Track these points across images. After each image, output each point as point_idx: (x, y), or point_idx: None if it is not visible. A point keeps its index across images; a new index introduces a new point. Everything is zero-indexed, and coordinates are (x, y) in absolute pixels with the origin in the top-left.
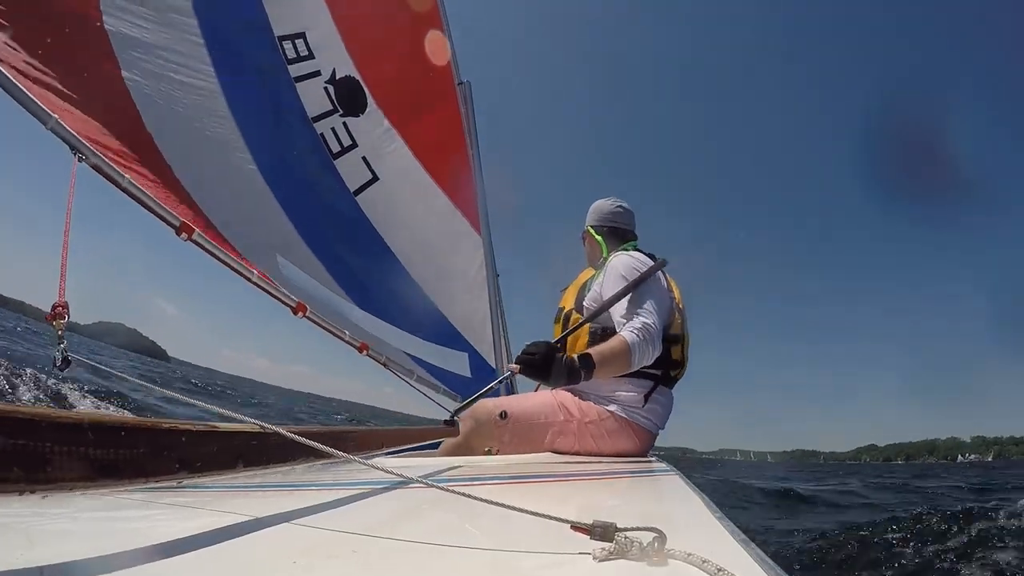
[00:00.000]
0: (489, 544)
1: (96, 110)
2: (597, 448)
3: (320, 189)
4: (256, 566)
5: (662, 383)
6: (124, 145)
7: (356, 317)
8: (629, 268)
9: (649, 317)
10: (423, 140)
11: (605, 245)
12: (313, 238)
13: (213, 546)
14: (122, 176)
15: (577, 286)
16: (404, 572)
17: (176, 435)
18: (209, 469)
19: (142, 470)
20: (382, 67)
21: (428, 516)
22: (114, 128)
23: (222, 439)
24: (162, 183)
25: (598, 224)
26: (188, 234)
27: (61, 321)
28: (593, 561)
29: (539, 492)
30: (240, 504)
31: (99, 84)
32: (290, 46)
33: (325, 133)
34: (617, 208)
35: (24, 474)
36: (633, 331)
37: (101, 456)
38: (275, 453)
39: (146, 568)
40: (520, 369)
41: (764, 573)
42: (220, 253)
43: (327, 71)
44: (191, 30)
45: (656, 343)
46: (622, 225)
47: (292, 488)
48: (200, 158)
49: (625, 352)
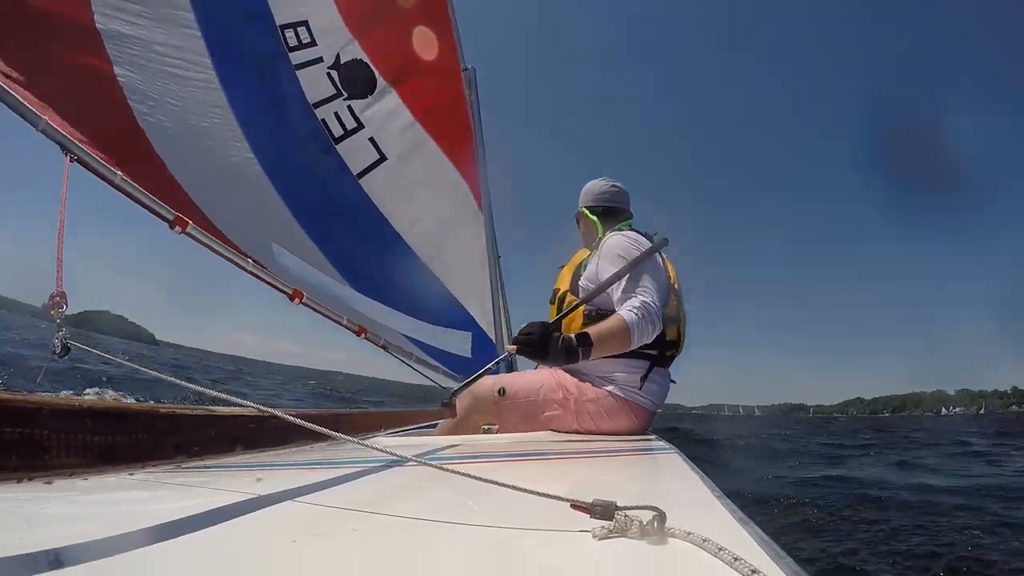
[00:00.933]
0: (489, 522)
1: (88, 109)
2: (596, 427)
3: (320, 175)
4: (255, 544)
5: (658, 363)
6: (117, 142)
7: (354, 301)
8: (625, 247)
9: (648, 295)
10: (434, 118)
11: (600, 225)
12: (312, 225)
13: (214, 526)
14: (114, 173)
15: (572, 267)
16: (403, 549)
17: (174, 419)
18: (207, 453)
19: (140, 455)
20: (389, 49)
21: (427, 494)
22: (106, 126)
23: (220, 423)
24: (155, 178)
25: (592, 204)
26: (182, 227)
27: (60, 310)
28: (593, 539)
29: (538, 470)
30: (238, 483)
31: (91, 83)
32: (292, 34)
33: (327, 118)
34: (611, 188)
35: (23, 462)
36: (632, 309)
37: (100, 442)
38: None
39: (148, 548)
40: (518, 349)
41: (763, 552)
42: (215, 244)
43: (330, 57)
44: (187, 23)
45: (656, 322)
46: (616, 204)
47: (291, 467)
48: (195, 151)
49: (624, 331)
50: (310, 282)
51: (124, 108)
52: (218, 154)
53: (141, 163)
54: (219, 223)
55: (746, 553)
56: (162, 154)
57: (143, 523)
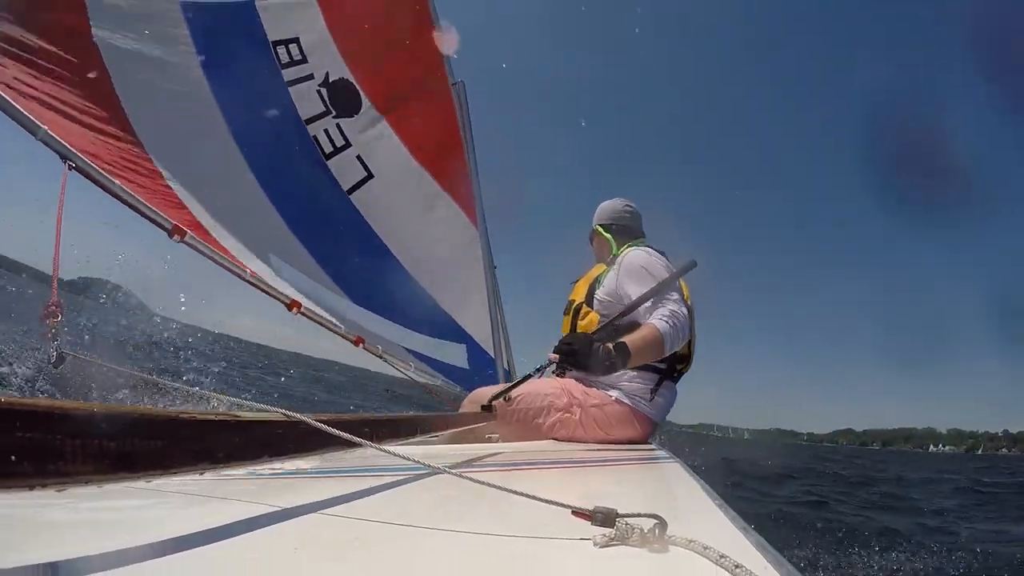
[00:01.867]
0: (490, 529)
1: (86, 119)
2: (602, 433)
3: (313, 188)
4: (256, 553)
5: (667, 377)
6: (115, 152)
7: (350, 313)
8: (647, 260)
9: (676, 304)
10: (418, 138)
11: (614, 242)
12: (307, 236)
13: (218, 538)
14: (112, 182)
15: (588, 280)
16: (403, 556)
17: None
18: (232, 460)
19: (159, 463)
20: (376, 68)
21: (429, 500)
22: (105, 136)
23: (244, 429)
24: (152, 188)
25: (607, 222)
26: (180, 236)
27: (55, 320)
28: (594, 547)
29: (541, 478)
30: (251, 492)
31: (89, 94)
32: (283, 51)
33: (318, 135)
34: (626, 208)
35: (35, 468)
36: (663, 319)
37: (116, 448)
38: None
39: (148, 562)
40: (560, 359)
41: (765, 559)
42: (213, 254)
43: (320, 74)
44: (182, 39)
45: (686, 330)
46: (630, 224)
47: (295, 476)
48: (191, 162)
49: (659, 340)
50: (308, 292)
51: (121, 119)
52: (215, 167)
53: (138, 174)
54: (216, 233)
55: (747, 561)
56: (159, 165)
57: (149, 533)
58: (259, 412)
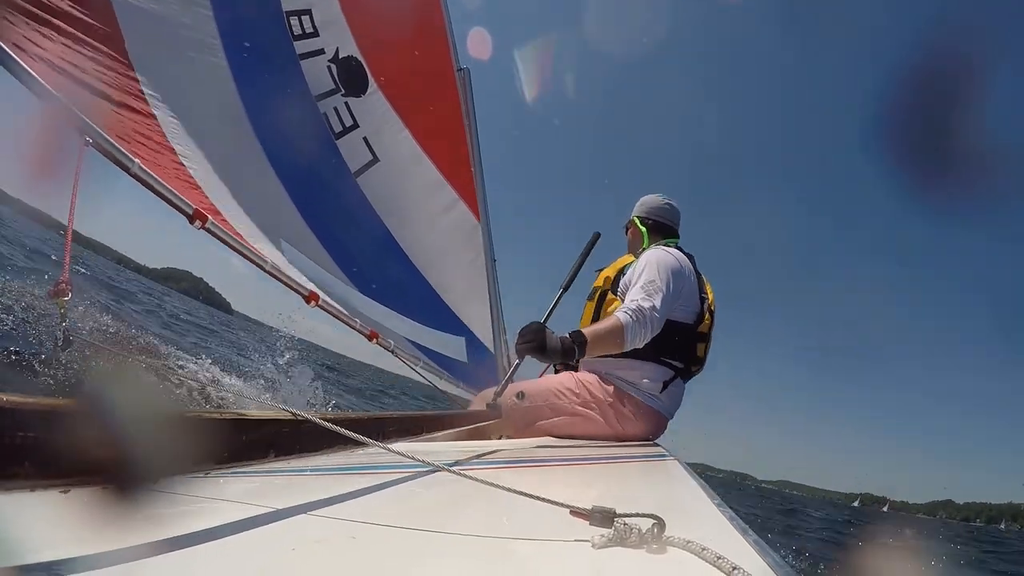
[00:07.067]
0: (488, 530)
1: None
2: (619, 428)
3: (323, 170)
4: (253, 553)
5: (681, 375)
6: (130, 128)
7: (360, 303)
8: (660, 257)
9: (648, 301)
10: (423, 125)
11: (647, 236)
12: (316, 221)
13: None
14: (132, 161)
15: (615, 268)
16: (400, 557)
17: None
18: (238, 460)
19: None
20: (383, 49)
21: (428, 500)
22: (121, 111)
23: (250, 427)
24: (170, 169)
25: (644, 216)
26: (202, 222)
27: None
28: (592, 548)
29: (539, 476)
30: (254, 492)
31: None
32: (296, 22)
33: (328, 112)
34: (665, 204)
35: (37, 469)
36: (627, 312)
37: (116, 448)
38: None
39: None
40: (517, 346)
41: (762, 560)
42: (233, 241)
43: (331, 50)
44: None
45: (651, 326)
46: (667, 221)
47: (297, 475)
48: (205, 140)
49: (618, 331)
50: (320, 282)
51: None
52: (228, 147)
53: (155, 153)
54: (231, 217)
55: (745, 562)
56: (173, 143)
57: (149, 533)
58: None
